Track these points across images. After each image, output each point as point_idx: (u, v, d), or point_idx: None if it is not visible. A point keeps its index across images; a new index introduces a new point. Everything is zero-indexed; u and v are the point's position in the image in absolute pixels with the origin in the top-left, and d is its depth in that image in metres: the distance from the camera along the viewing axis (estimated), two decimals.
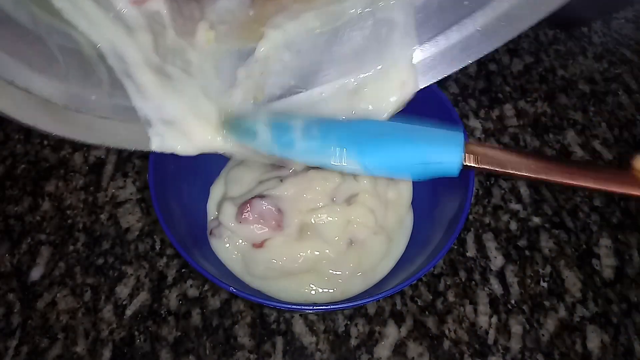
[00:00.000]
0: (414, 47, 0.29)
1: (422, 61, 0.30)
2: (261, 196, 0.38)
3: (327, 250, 0.38)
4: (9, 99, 0.25)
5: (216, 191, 0.43)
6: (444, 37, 0.29)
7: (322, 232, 0.38)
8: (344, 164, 0.28)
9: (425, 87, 0.30)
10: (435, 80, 0.30)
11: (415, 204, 0.42)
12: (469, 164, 0.27)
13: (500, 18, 0.27)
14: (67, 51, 0.28)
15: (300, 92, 0.31)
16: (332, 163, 0.28)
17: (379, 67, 0.30)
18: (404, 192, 0.42)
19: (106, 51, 0.28)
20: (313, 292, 0.38)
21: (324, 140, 0.29)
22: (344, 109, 0.31)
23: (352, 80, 0.30)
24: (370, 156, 0.28)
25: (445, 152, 0.28)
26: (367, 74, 0.30)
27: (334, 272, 0.38)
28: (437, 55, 0.29)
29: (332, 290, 0.38)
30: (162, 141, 0.29)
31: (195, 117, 0.30)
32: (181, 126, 0.29)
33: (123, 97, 0.29)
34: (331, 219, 0.38)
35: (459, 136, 0.28)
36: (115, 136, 0.29)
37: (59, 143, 0.50)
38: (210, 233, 0.39)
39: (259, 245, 0.38)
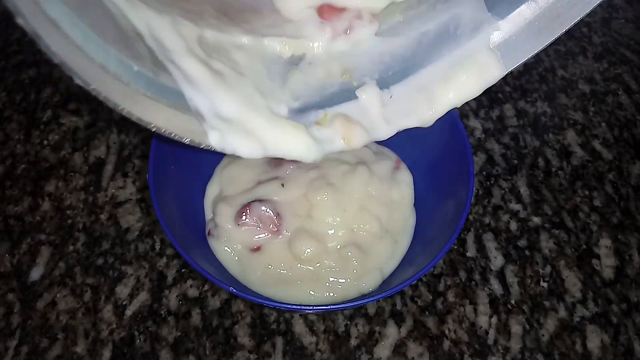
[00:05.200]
0: (489, 30, 0.27)
1: (503, 43, 0.27)
2: (260, 200, 0.38)
3: (327, 261, 0.37)
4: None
5: (211, 190, 0.42)
6: (520, 14, 0.26)
7: (324, 240, 0.38)
8: None
9: None
10: (525, 60, 0.27)
11: (417, 204, 0.42)
12: None
13: None
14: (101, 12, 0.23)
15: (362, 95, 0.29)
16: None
17: (452, 58, 0.28)
18: (407, 192, 0.42)
19: (143, 31, 0.24)
20: (312, 298, 0.37)
21: None
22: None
23: (420, 76, 0.28)
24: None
25: None
26: (436, 67, 0.28)
27: (336, 280, 0.37)
28: (520, 34, 0.27)
29: (332, 295, 0.37)
30: (221, 137, 0.26)
31: (269, 116, 0.26)
32: (244, 124, 0.26)
33: (170, 80, 0.25)
34: (333, 231, 0.38)
35: None
36: (168, 120, 0.25)
37: (59, 143, 0.50)
38: (209, 234, 0.39)
39: (256, 249, 0.38)
